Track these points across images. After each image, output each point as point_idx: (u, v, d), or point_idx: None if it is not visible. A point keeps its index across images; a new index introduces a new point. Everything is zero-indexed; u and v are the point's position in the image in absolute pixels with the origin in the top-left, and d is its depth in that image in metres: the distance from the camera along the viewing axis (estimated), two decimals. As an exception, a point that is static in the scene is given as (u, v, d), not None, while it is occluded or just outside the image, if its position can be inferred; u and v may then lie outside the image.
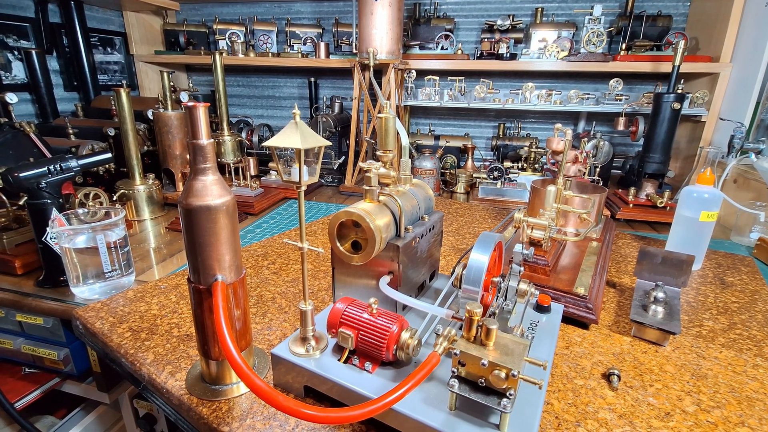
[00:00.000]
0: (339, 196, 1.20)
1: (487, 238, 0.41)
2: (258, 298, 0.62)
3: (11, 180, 0.62)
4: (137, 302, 0.60)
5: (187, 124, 0.36)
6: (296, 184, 0.36)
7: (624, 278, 0.71)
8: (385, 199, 0.46)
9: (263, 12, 1.58)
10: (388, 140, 0.47)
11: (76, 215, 0.66)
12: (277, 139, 0.35)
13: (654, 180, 1.04)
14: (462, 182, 1.26)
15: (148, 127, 1.24)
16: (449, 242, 0.85)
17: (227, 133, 1.07)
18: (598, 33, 1.19)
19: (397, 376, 0.39)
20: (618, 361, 0.49)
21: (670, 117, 0.99)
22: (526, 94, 1.27)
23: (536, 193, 0.71)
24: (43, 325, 0.70)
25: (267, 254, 0.77)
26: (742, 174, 0.99)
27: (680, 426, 0.40)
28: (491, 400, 0.33)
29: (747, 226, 0.89)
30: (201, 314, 0.40)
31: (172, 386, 0.44)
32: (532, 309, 0.52)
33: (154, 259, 0.78)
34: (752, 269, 0.76)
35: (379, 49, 1.10)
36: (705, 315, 0.60)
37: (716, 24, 1.17)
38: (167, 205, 1.04)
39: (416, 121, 1.58)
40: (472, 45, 1.46)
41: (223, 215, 0.38)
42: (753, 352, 0.52)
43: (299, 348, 0.42)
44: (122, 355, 0.50)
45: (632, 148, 1.43)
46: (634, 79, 1.36)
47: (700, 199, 0.69)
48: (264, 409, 0.41)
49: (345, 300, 0.42)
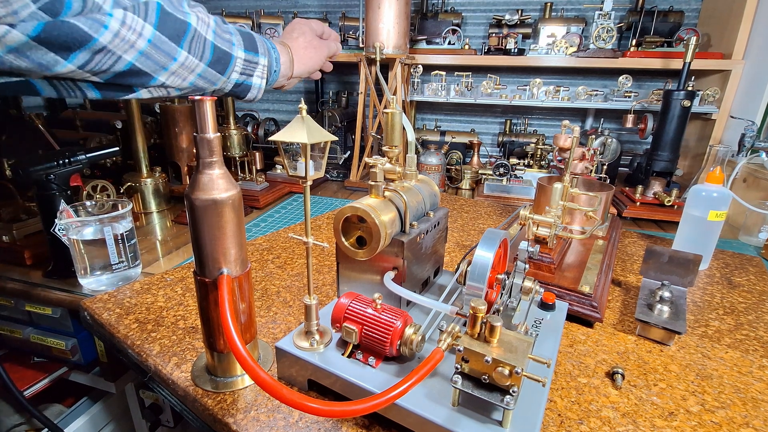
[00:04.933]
0: (344, 191, 1.20)
1: (492, 235, 0.41)
2: (263, 291, 0.63)
3: (21, 172, 0.62)
4: (144, 294, 0.61)
5: (194, 118, 0.36)
6: (302, 179, 0.36)
7: (630, 277, 0.70)
8: (390, 194, 0.45)
9: (270, 5, 1.58)
10: (394, 136, 0.46)
11: (84, 207, 0.66)
12: (284, 133, 0.35)
13: (662, 178, 1.03)
14: (467, 178, 1.25)
15: (155, 119, 1.24)
16: (454, 238, 0.85)
17: (233, 127, 1.07)
18: (607, 28, 1.17)
19: (401, 371, 0.39)
20: (622, 360, 0.49)
21: (679, 114, 0.98)
22: (534, 90, 1.26)
23: (542, 190, 0.71)
24: (51, 315, 0.71)
25: (272, 248, 0.77)
26: (752, 173, 0.97)
27: (684, 426, 0.40)
28: (494, 396, 0.33)
29: (756, 225, 0.88)
30: (206, 307, 0.41)
31: (178, 377, 0.45)
32: (537, 306, 0.52)
33: (161, 252, 0.78)
34: (760, 269, 0.75)
35: (385, 44, 1.09)
36: (711, 315, 0.60)
37: (729, 20, 1.15)
38: (173, 198, 1.05)
39: (422, 117, 1.58)
40: (479, 40, 1.45)
41: (229, 209, 0.38)
42: (759, 353, 0.52)
43: (303, 342, 0.42)
44: (129, 346, 0.50)
45: (640, 146, 1.42)
46: (643, 75, 1.34)
47: (708, 198, 0.68)
48: (268, 401, 0.41)
49: (349, 295, 0.42)
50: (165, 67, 0.49)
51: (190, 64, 0.51)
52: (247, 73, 0.59)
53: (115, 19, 0.43)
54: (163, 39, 0.47)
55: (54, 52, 0.41)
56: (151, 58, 0.47)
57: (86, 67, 0.44)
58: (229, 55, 0.55)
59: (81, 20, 0.41)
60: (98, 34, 0.42)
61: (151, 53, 0.47)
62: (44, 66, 0.41)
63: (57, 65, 0.42)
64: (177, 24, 0.48)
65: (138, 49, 0.46)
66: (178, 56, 0.49)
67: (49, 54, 0.41)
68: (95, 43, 0.43)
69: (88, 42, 0.42)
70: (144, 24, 0.45)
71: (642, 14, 1.21)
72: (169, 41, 0.48)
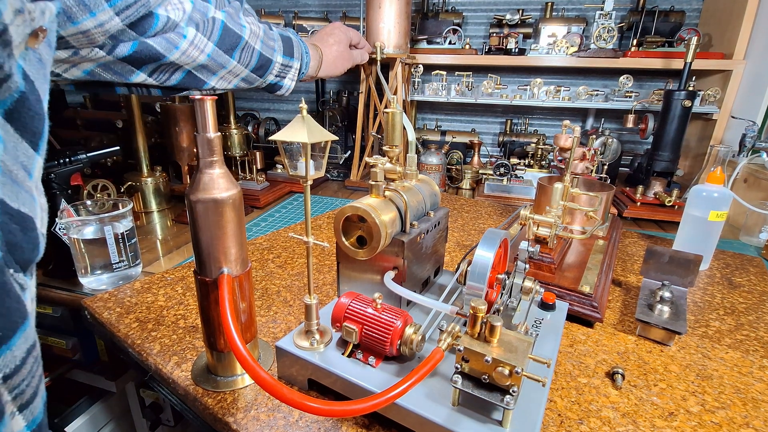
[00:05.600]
0: (344, 191, 1.20)
1: (492, 235, 0.41)
2: (263, 291, 0.63)
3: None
4: (144, 293, 0.61)
5: (195, 117, 0.36)
6: (302, 179, 0.36)
7: (630, 277, 0.70)
8: (390, 194, 0.45)
9: (271, 5, 1.58)
10: (394, 135, 0.46)
11: (85, 206, 0.66)
12: (284, 133, 0.35)
13: (662, 178, 1.03)
14: (468, 178, 1.25)
15: (156, 119, 1.24)
16: (454, 238, 0.85)
17: (234, 126, 1.07)
18: (608, 28, 1.17)
19: (401, 371, 0.40)
20: (622, 360, 0.49)
21: (680, 115, 0.98)
22: (534, 90, 1.26)
23: (543, 190, 0.71)
24: (52, 314, 0.71)
25: (272, 248, 0.78)
26: (753, 173, 0.97)
27: (684, 426, 0.40)
28: (494, 396, 0.33)
29: (756, 226, 0.88)
30: (207, 306, 0.41)
31: (178, 376, 0.45)
32: (537, 306, 0.52)
33: (161, 251, 0.78)
34: (761, 270, 0.75)
35: (386, 43, 1.09)
36: (712, 315, 0.60)
37: (730, 20, 1.15)
38: (174, 197, 1.05)
39: (423, 117, 1.58)
40: (480, 40, 1.45)
41: (229, 208, 0.38)
42: (760, 353, 0.52)
43: (303, 341, 0.42)
44: (129, 345, 0.50)
45: (641, 146, 1.41)
46: (644, 75, 1.34)
47: (709, 199, 0.68)
48: (268, 400, 0.42)
49: (349, 294, 0.42)
50: (216, 73, 0.58)
51: (236, 70, 0.60)
52: (281, 76, 0.68)
53: (187, 40, 0.52)
54: (219, 52, 0.56)
55: (132, 66, 0.50)
56: (206, 68, 0.57)
57: (151, 77, 0.53)
58: (270, 61, 0.64)
59: (158, 41, 0.49)
60: (170, 53, 0.51)
61: (207, 64, 0.56)
62: (123, 77, 0.50)
63: (132, 76, 0.51)
64: (233, 38, 0.57)
65: (198, 62, 0.55)
66: (229, 65, 0.59)
67: (127, 67, 0.50)
68: (165, 60, 0.51)
69: (159, 59, 0.51)
70: (207, 42, 0.54)
71: (643, 14, 1.21)
72: (224, 54, 0.57)
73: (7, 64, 0.22)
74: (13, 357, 0.23)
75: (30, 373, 0.25)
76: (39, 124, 0.26)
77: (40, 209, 0.26)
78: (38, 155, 0.26)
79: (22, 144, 0.25)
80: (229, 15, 0.57)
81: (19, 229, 0.24)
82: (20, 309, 0.24)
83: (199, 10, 0.52)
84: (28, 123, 0.25)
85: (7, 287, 0.23)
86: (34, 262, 0.26)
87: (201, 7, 0.53)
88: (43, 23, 0.25)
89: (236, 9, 0.59)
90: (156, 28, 0.48)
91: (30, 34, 0.24)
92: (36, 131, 0.26)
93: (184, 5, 0.50)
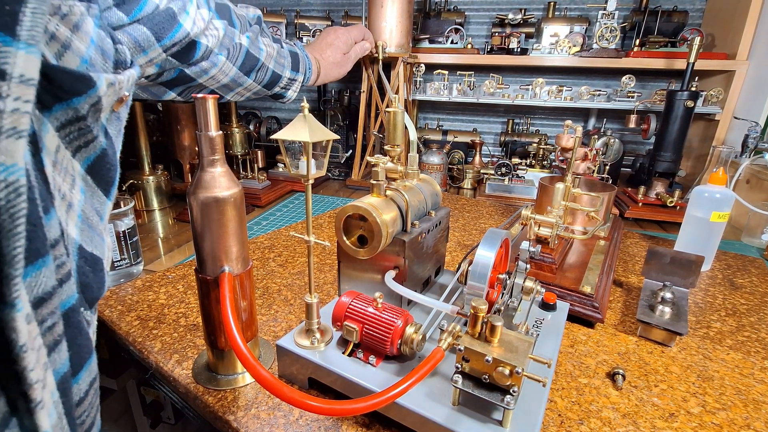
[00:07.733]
0: (346, 190, 1.20)
1: (493, 235, 0.41)
2: (264, 290, 0.63)
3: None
4: (145, 291, 0.61)
5: (197, 116, 0.36)
6: (304, 178, 0.36)
7: (631, 278, 0.70)
8: (392, 193, 0.45)
9: (272, 3, 1.58)
10: (396, 135, 0.46)
11: (87, 204, 0.66)
12: (286, 132, 0.35)
13: (664, 179, 1.03)
14: (469, 178, 1.25)
15: (157, 117, 1.24)
16: (455, 238, 0.85)
17: (236, 125, 1.07)
18: (611, 28, 1.17)
19: (401, 370, 0.40)
20: (623, 361, 0.49)
21: (682, 115, 0.97)
22: (536, 89, 1.26)
23: (544, 190, 0.71)
24: (53, 312, 0.71)
25: (273, 246, 0.78)
26: (756, 174, 0.97)
27: (684, 427, 0.40)
28: (495, 396, 0.33)
29: (759, 227, 0.87)
30: (208, 305, 0.41)
31: (179, 375, 0.45)
32: (538, 307, 0.52)
33: (162, 249, 0.79)
34: (763, 271, 0.75)
35: (388, 42, 1.09)
36: (713, 316, 0.60)
37: (733, 20, 1.15)
38: (175, 195, 1.05)
39: (424, 116, 1.57)
40: (482, 39, 1.45)
41: (230, 207, 0.38)
42: (761, 354, 0.51)
43: (304, 340, 0.42)
44: (130, 342, 0.50)
45: (643, 146, 1.41)
46: (646, 75, 1.34)
47: (711, 199, 0.68)
48: (269, 399, 0.42)
49: (350, 294, 0.42)
50: (233, 90, 0.64)
51: (251, 87, 0.66)
52: (287, 88, 0.74)
53: (217, 68, 0.57)
54: (240, 74, 0.62)
55: (167, 87, 0.56)
56: (227, 86, 0.62)
57: (180, 96, 0.59)
58: (279, 77, 0.70)
59: (194, 70, 0.54)
60: (200, 78, 0.56)
61: (228, 84, 0.62)
62: (157, 96, 0.57)
63: (164, 95, 0.57)
64: (252, 61, 0.63)
65: (221, 83, 0.61)
66: (245, 83, 0.65)
67: (162, 89, 0.56)
68: (196, 83, 0.57)
69: (190, 82, 0.56)
70: (232, 67, 0.60)
71: (646, 14, 1.21)
72: (243, 75, 0.63)
73: (95, 128, 0.25)
74: (79, 389, 0.25)
75: (90, 404, 0.26)
76: (113, 174, 0.29)
77: (107, 249, 0.29)
78: (109, 200, 0.29)
79: (97, 192, 0.27)
80: (251, 40, 0.62)
81: (90, 270, 0.26)
82: (88, 345, 0.25)
83: (228, 35, 0.57)
84: (104, 174, 0.28)
85: (81, 326, 0.24)
86: (99, 299, 0.27)
87: (230, 33, 0.57)
88: (127, 89, 0.28)
89: (255, 33, 0.64)
90: (196, 57, 0.52)
91: (116, 100, 0.27)
92: (110, 180, 0.28)
93: (218, 31, 0.54)
